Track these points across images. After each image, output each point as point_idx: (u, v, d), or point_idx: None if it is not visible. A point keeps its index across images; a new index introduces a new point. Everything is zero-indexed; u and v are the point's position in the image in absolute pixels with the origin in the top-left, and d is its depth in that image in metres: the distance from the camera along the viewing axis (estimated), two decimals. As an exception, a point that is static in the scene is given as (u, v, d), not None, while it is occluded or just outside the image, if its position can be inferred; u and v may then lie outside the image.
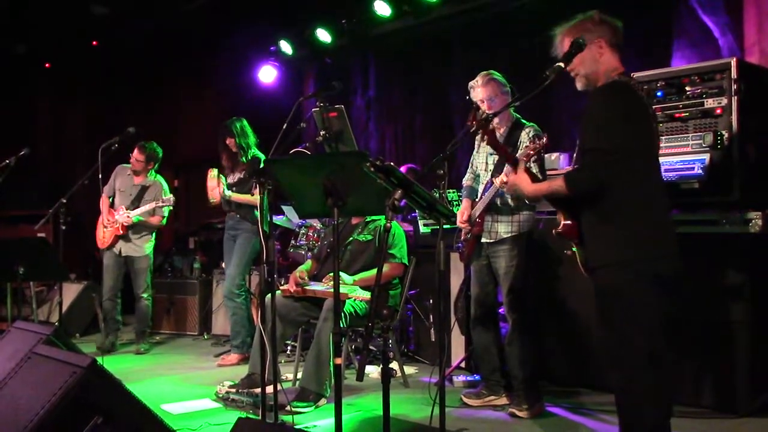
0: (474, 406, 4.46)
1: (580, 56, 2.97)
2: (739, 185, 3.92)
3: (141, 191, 6.58)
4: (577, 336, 4.77)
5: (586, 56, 2.99)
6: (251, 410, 4.27)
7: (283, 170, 3.56)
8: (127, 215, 6.37)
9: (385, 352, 2.88)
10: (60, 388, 2.62)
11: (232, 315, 5.94)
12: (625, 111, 2.89)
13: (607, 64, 3.02)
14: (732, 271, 4.06)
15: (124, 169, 6.70)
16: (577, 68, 3.04)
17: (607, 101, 2.92)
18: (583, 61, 3.01)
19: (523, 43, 6.31)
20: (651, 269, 2.85)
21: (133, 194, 6.57)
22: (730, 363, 4.05)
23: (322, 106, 4.71)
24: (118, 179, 6.68)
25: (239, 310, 5.89)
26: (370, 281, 4.78)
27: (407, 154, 7.68)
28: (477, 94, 4.31)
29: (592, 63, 3.02)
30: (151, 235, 6.62)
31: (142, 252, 6.56)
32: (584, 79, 3.06)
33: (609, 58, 3.02)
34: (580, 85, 3.09)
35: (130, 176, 6.65)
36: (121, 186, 6.64)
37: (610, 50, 3.02)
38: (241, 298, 5.90)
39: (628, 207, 2.87)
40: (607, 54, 3.02)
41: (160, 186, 6.64)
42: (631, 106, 2.92)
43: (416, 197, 3.04)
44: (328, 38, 7.70)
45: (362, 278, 4.81)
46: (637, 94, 2.95)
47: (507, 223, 4.27)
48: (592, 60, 3.01)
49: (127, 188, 6.62)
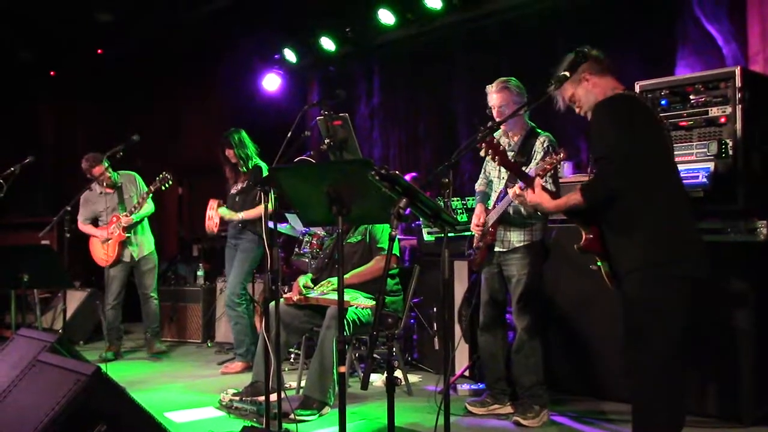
0: (478, 415, 4.45)
1: (577, 95, 3.19)
2: (743, 194, 3.91)
3: (120, 195, 6.53)
4: (582, 345, 4.76)
5: (580, 93, 3.19)
6: (255, 418, 4.26)
7: (288, 178, 3.56)
8: (125, 215, 6.37)
9: (390, 360, 2.87)
10: (64, 396, 2.62)
11: (234, 324, 5.93)
12: (628, 117, 2.96)
13: (601, 87, 3.15)
14: (737, 279, 4.05)
15: (92, 193, 6.57)
16: (580, 105, 3.22)
17: (609, 111, 2.99)
18: (580, 98, 3.20)
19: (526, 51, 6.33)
20: (680, 270, 2.89)
21: (113, 202, 6.52)
22: (735, 372, 4.03)
23: (326, 114, 4.71)
24: (93, 206, 6.57)
25: (241, 318, 5.87)
26: (362, 276, 4.81)
27: (411, 161, 7.69)
28: (491, 99, 4.31)
29: (586, 96, 3.18)
30: (146, 233, 6.61)
31: (146, 250, 6.56)
32: (588, 109, 3.20)
33: (601, 82, 3.16)
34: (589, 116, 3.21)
35: (103, 194, 6.55)
36: (100, 206, 6.57)
37: (598, 76, 3.16)
38: (242, 307, 5.87)
39: (649, 210, 2.93)
40: (598, 81, 3.16)
41: (130, 177, 6.61)
42: (634, 111, 3.00)
43: (421, 205, 3.04)
44: (332, 46, 7.72)
45: (353, 274, 4.80)
46: (642, 104, 3.02)
47: (520, 231, 4.27)
48: (586, 93, 3.18)
49: (109, 204, 6.54)
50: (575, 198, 3.03)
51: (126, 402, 2.84)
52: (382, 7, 6.97)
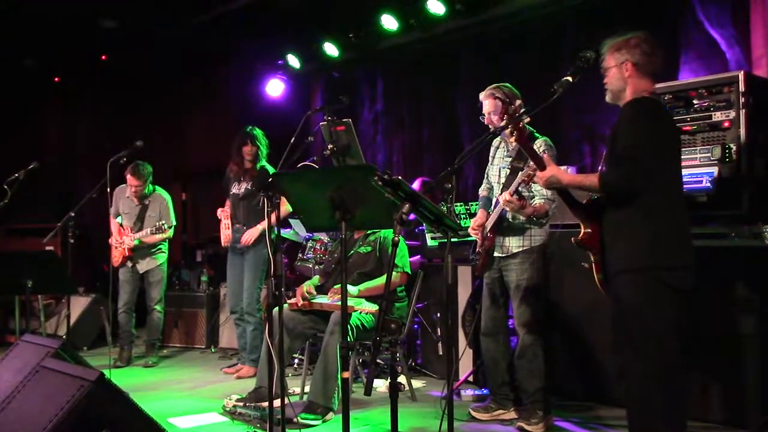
0: (482, 420, 4.44)
1: (611, 72, 3.19)
2: (748, 198, 3.90)
3: (143, 210, 6.61)
4: (586, 350, 4.75)
5: (614, 73, 3.19)
6: (258, 424, 4.26)
7: (291, 184, 3.57)
8: (131, 238, 6.43)
9: (393, 365, 2.87)
10: (68, 402, 2.63)
11: (253, 330, 5.91)
12: (655, 125, 3.02)
13: (635, 86, 3.16)
14: (742, 284, 4.04)
15: (123, 190, 6.68)
16: (608, 82, 3.23)
17: (641, 114, 3.04)
18: (611, 78, 3.21)
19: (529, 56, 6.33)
20: (670, 279, 2.89)
21: (135, 214, 6.60)
22: (739, 377, 4.02)
23: (329, 120, 4.72)
24: (120, 202, 6.69)
25: (260, 324, 5.89)
26: (374, 291, 4.81)
27: (415, 167, 7.69)
28: (483, 106, 4.38)
29: (617, 81, 3.18)
30: (162, 248, 6.64)
31: (155, 264, 6.59)
32: (610, 93, 3.24)
33: (638, 81, 3.16)
34: (608, 97, 3.27)
35: (130, 197, 6.66)
36: (124, 208, 6.67)
37: (638, 74, 3.16)
38: (260, 312, 5.92)
39: (652, 215, 2.97)
40: (634, 77, 3.16)
41: (161, 198, 6.66)
42: (663, 121, 3.08)
43: (424, 211, 3.04)
44: (335, 52, 7.73)
45: (367, 288, 4.81)
46: (666, 110, 3.12)
47: (518, 237, 4.27)
48: (619, 78, 3.18)
49: (130, 210, 6.64)
50: (592, 180, 3.06)
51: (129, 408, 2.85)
52: (385, 12, 6.98)
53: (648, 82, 3.17)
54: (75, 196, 7.65)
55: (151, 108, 9.87)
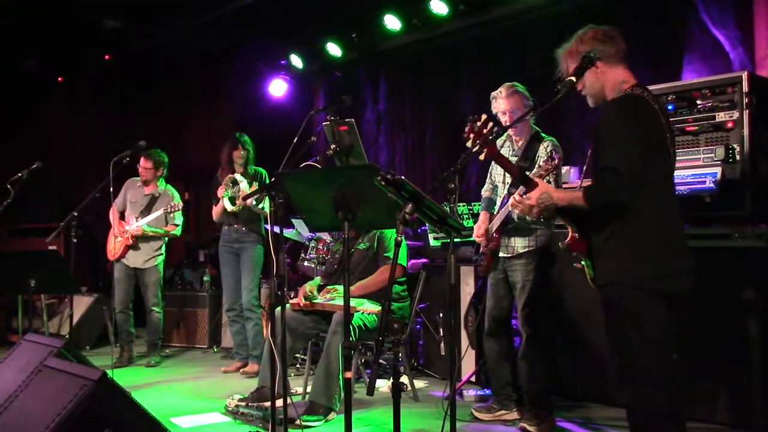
0: (485, 421, 4.44)
1: (584, 80, 2.99)
2: (751, 199, 3.89)
3: (151, 201, 6.63)
4: (588, 350, 4.75)
5: (588, 77, 3.00)
6: (261, 424, 4.26)
7: (294, 184, 3.56)
8: (137, 225, 6.42)
9: (396, 366, 2.87)
10: (70, 401, 2.63)
11: (253, 326, 6.03)
12: (639, 128, 2.83)
13: (612, 79, 3.00)
14: (745, 285, 4.03)
15: (134, 181, 6.77)
16: (583, 87, 3.05)
17: (621, 117, 2.85)
18: (585, 82, 3.02)
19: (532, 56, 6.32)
20: (660, 287, 2.82)
21: (143, 204, 6.62)
22: (745, 378, 4.01)
23: (332, 120, 4.73)
24: (129, 192, 6.74)
25: (259, 320, 6.00)
26: (367, 288, 4.79)
27: (417, 166, 7.69)
28: (499, 105, 4.29)
29: (593, 83, 3.02)
30: (161, 249, 6.65)
31: (150, 264, 6.59)
32: (592, 98, 3.08)
33: (612, 72, 3.00)
34: (590, 103, 3.11)
35: (141, 187, 6.72)
36: (132, 197, 6.71)
37: (609, 65, 3.00)
38: (259, 309, 6.01)
39: (640, 223, 2.83)
40: (607, 70, 3.00)
41: (170, 195, 6.68)
42: (646, 121, 2.88)
43: (427, 211, 3.04)
44: (338, 52, 7.73)
45: (359, 285, 4.79)
46: (651, 107, 2.90)
47: (524, 237, 4.26)
48: (593, 80, 3.02)
49: (138, 199, 6.68)
50: (577, 196, 2.94)
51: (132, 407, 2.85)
52: (388, 12, 6.98)
53: (622, 69, 3.01)
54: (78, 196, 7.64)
55: (154, 108, 9.89)
